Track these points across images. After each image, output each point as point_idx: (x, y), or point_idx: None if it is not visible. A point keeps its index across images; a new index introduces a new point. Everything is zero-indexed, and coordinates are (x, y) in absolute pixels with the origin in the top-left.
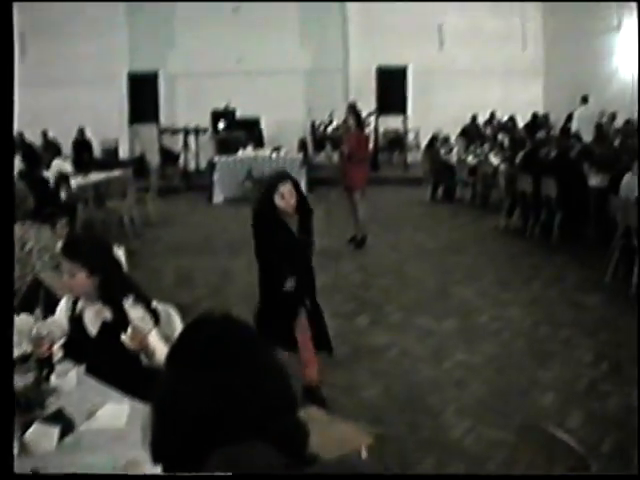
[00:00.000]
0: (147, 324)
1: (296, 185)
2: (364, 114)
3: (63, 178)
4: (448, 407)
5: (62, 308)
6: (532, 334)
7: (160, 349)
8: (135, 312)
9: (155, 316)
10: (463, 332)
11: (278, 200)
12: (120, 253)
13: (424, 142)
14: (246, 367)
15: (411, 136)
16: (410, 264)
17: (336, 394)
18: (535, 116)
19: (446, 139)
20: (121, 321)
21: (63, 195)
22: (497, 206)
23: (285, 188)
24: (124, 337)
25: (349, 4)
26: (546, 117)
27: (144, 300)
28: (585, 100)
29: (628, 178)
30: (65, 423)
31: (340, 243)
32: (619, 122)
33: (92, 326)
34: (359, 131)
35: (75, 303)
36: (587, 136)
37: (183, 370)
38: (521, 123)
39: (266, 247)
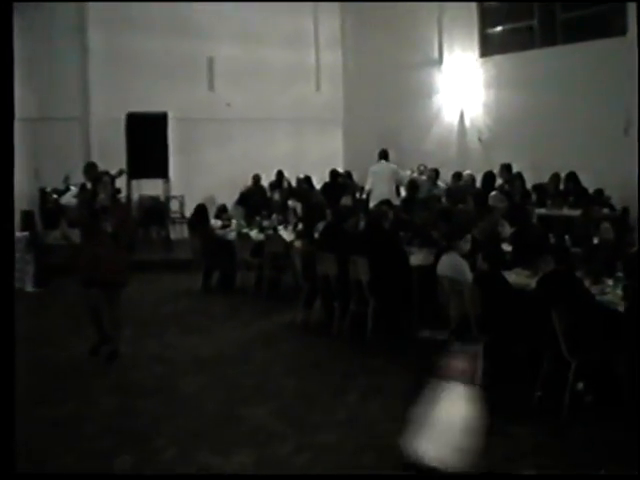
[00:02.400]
0: None
1: None
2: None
3: None
4: None
5: None
6: (356, 464)
7: None
8: None
9: None
10: (261, 468)
11: None
12: None
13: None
14: None
15: (175, 205)
16: (183, 379)
17: None
18: (335, 175)
19: (222, 209)
20: None
21: None
22: (292, 295)
23: None
24: None
25: (90, 33)
26: (349, 175)
27: None
28: (384, 156)
29: (450, 258)
30: None
31: (85, 355)
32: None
33: None
34: (119, 201)
35: None
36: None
37: None
38: (318, 185)
39: None
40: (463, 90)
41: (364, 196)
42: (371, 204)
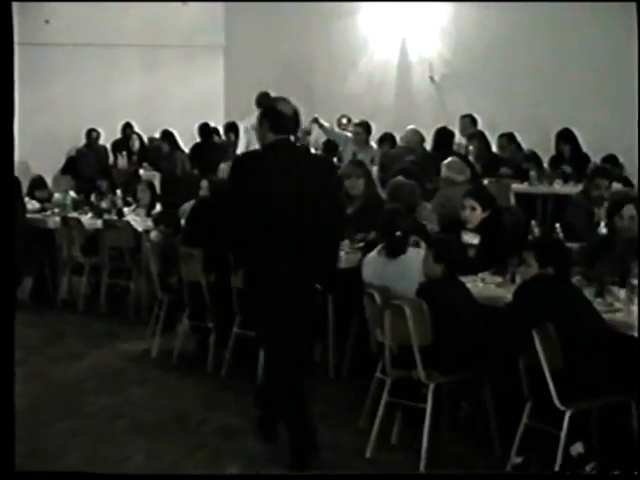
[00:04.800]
0: None
1: None
2: None
3: None
4: None
5: None
6: None
7: None
8: None
9: None
10: None
11: None
12: None
13: None
14: None
15: None
16: None
17: None
18: (209, 131)
19: (38, 182)
20: None
21: None
22: (145, 312)
23: None
24: None
25: None
26: (234, 130)
27: None
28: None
29: (375, 258)
30: None
31: None
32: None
33: None
34: None
35: None
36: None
37: None
38: (186, 146)
39: None
40: (405, 3)
41: None
42: None
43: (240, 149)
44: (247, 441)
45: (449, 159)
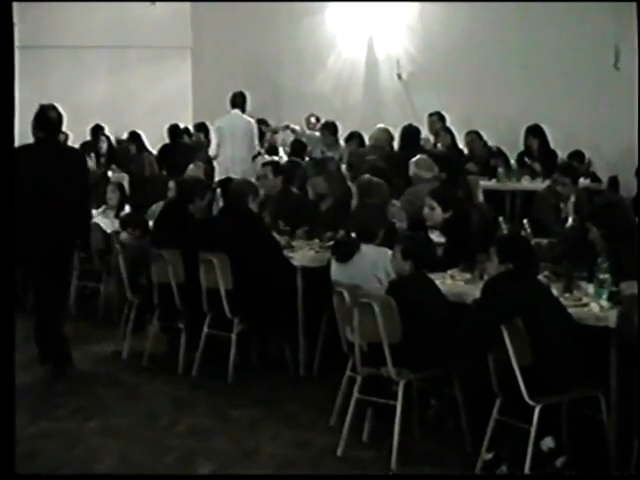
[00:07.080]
0: None
1: None
2: None
3: None
4: None
5: None
6: None
7: None
8: None
9: None
10: None
11: None
12: None
13: None
14: None
15: None
16: None
17: None
18: (177, 132)
19: None
20: None
21: None
22: (115, 313)
23: None
24: None
25: None
26: (204, 130)
27: None
28: (240, 103)
29: (363, 254)
30: None
31: None
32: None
33: None
34: None
35: None
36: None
37: None
38: (155, 147)
39: None
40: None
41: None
42: (217, 176)
43: (212, 148)
44: (219, 441)
45: (417, 156)
